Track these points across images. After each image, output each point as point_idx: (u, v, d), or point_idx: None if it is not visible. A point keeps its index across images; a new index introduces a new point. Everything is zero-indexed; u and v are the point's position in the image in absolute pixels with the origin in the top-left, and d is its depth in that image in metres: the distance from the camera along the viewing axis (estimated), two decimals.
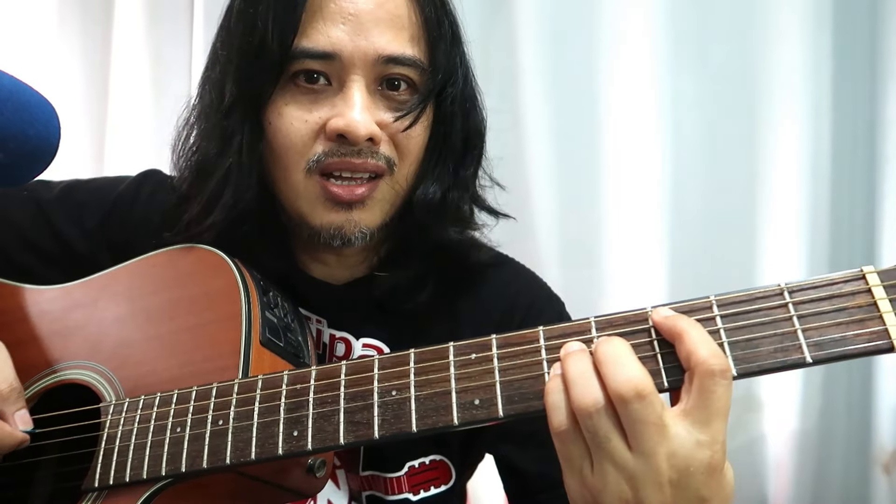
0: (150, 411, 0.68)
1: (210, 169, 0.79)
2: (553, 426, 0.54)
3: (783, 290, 0.54)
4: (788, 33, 1.51)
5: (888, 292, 0.52)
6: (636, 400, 0.50)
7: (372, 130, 0.74)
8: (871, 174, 1.51)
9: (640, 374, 0.51)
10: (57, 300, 0.82)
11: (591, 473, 0.53)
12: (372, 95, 0.76)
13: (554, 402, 0.54)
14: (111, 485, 0.67)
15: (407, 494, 0.85)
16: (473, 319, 0.87)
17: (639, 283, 1.57)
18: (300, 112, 0.76)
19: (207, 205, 0.79)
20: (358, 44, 0.74)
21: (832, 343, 0.52)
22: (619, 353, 0.53)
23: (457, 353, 0.59)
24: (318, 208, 0.77)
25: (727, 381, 0.51)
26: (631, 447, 0.52)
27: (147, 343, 0.75)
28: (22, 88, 0.69)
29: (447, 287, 0.87)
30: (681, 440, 0.51)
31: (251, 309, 0.72)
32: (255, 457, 0.62)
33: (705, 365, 0.51)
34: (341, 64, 0.74)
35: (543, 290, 0.93)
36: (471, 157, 0.87)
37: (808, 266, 1.53)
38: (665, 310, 0.56)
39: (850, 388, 1.58)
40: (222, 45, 0.81)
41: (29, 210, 0.90)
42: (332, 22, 0.74)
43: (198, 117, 0.84)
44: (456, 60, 0.83)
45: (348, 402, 0.61)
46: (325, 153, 0.75)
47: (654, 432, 0.51)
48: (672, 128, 1.58)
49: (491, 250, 0.92)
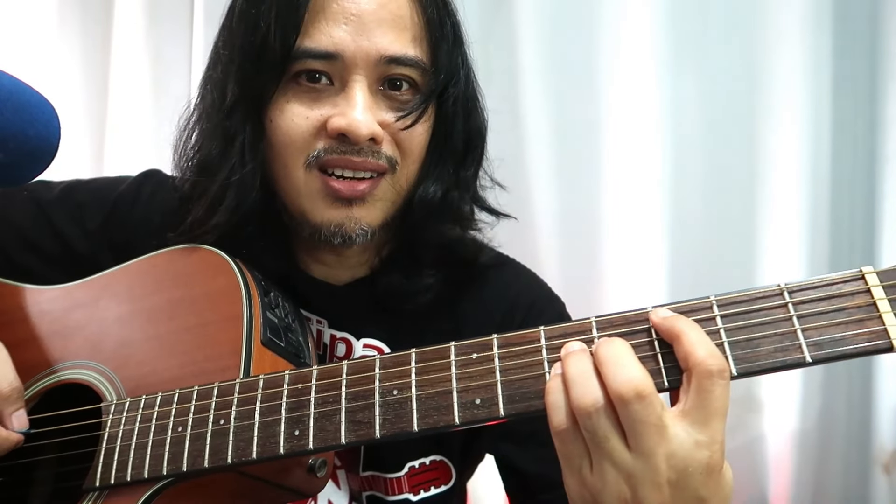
0: (151, 411, 0.68)
1: (213, 170, 0.79)
2: (553, 425, 0.54)
3: (783, 290, 0.54)
4: (788, 33, 1.51)
5: (887, 292, 0.52)
6: (636, 400, 0.51)
7: (373, 130, 0.74)
8: (871, 174, 1.51)
9: (641, 375, 0.51)
10: (58, 300, 0.82)
11: (591, 473, 0.54)
12: (374, 95, 0.76)
13: (554, 401, 0.54)
14: (112, 484, 0.67)
15: (407, 495, 0.85)
16: (475, 320, 0.87)
17: (639, 283, 1.57)
18: (301, 109, 0.76)
19: (210, 207, 0.79)
20: (360, 44, 0.74)
21: (832, 343, 0.52)
22: (620, 354, 0.53)
23: (458, 352, 0.60)
24: (319, 204, 0.77)
25: (725, 382, 0.52)
26: (630, 447, 0.52)
27: (148, 343, 0.75)
28: (22, 88, 0.69)
29: (449, 288, 0.87)
30: (680, 440, 0.51)
31: (252, 309, 0.72)
32: (257, 456, 0.62)
33: (703, 365, 0.51)
34: (343, 64, 0.74)
35: (544, 290, 0.94)
36: (472, 158, 0.87)
37: (808, 266, 1.53)
38: (663, 310, 0.56)
39: (850, 388, 1.58)
40: (224, 44, 0.81)
41: (29, 210, 0.90)
42: (334, 22, 0.74)
43: (199, 117, 0.84)
44: (458, 61, 0.83)
45: (350, 401, 0.61)
46: (326, 150, 0.76)
47: (653, 433, 0.51)
48: (672, 128, 1.58)
49: (492, 251, 0.92)
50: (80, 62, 1.84)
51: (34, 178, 0.75)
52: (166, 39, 1.83)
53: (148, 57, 1.82)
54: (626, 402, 0.51)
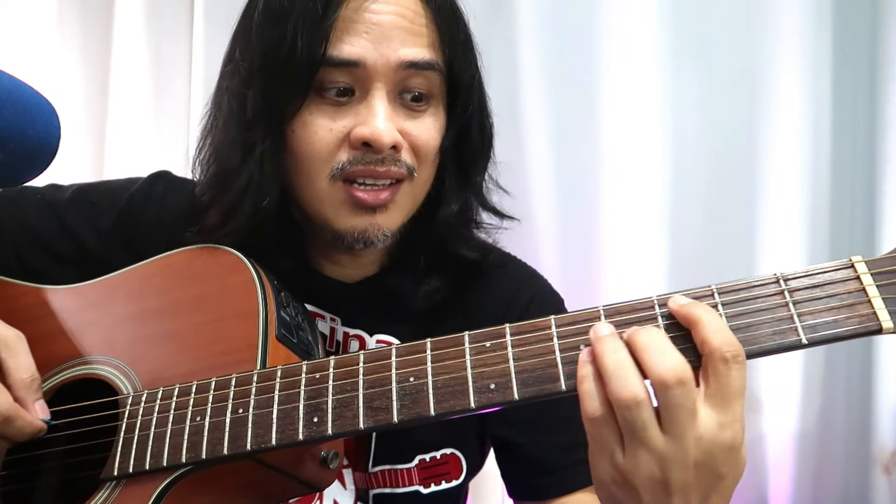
0: (169, 401, 0.69)
1: (231, 178, 0.80)
2: (587, 413, 0.56)
3: (779, 278, 0.58)
4: (788, 33, 1.51)
5: (875, 279, 0.56)
6: (678, 385, 0.53)
7: (395, 139, 0.76)
8: (871, 174, 1.52)
9: (681, 362, 0.54)
10: (72, 299, 0.83)
11: (623, 458, 0.55)
12: (393, 104, 0.78)
13: (588, 390, 0.56)
14: (130, 473, 0.67)
15: (418, 487, 0.86)
16: (483, 316, 0.88)
17: (639, 282, 1.57)
18: (325, 121, 0.77)
19: (227, 213, 0.80)
20: (381, 52, 0.76)
21: (825, 325, 0.56)
22: (660, 341, 0.55)
23: (472, 341, 0.62)
24: (343, 213, 0.79)
25: (740, 366, 0.54)
26: (664, 429, 0.54)
27: (164, 338, 0.76)
28: (22, 88, 0.70)
29: (457, 287, 0.89)
30: (706, 424, 0.54)
31: (268, 304, 0.73)
32: (276, 442, 0.63)
33: (720, 352, 0.54)
34: (366, 72, 0.76)
35: (545, 286, 0.97)
36: (483, 162, 0.90)
37: (807, 265, 1.52)
38: (681, 297, 0.58)
39: (850, 388, 1.58)
40: (242, 56, 0.81)
41: (42, 212, 0.90)
42: (355, 32, 0.76)
43: (216, 126, 0.85)
44: (472, 68, 0.85)
45: (367, 388, 0.62)
46: (350, 161, 0.77)
47: (687, 416, 0.53)
48: (672, 128, 1.58)
49: (497, 251, 0.95)
50: (80, 62, 1.84)
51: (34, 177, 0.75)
52: (166, 39, 1.83)
53: (148, 57, 1.82)
54: (668, 387, 0.53)
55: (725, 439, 0.54)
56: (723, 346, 0.54)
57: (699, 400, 0.54)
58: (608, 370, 0.55)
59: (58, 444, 0.78)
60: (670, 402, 0.53)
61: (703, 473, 0.55)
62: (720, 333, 0.54)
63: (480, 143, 0.88)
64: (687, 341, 0.57)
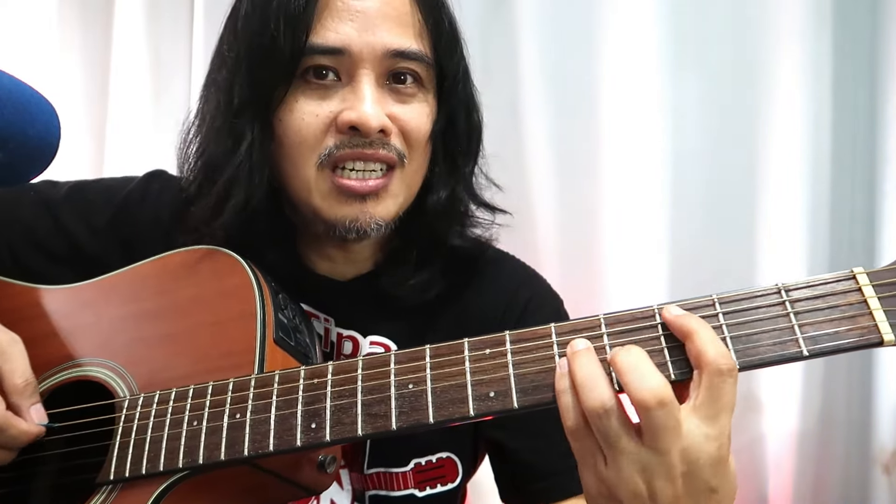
0: (166, 405, 0.69)
1: (219, 169, 0.80)
2: (567, 426, 0.57)
3: (780, 289, 0.58)
4: (788, 33, 1.51)
5: (876, 291, 0.56)
6: (658, 407, 0.53)
7: (383, 122, 0.76)
8: (871, 174, 1.51)
9: (661, 384, 0.54)
10: (68, 299, 0.82)
11: (606, 468, 0.56)
12: (381, 89, 0.78)
13: (565, 402, 0.56)
14: (127, 477, 0.67)
15: (413, 490, 0.85)
16: (479, 314, 0.88)
17: (639, 283, 1.57)
18: (311, 107, 0.77)
19: (217, 205, 0.80)
20: (366, 39, 0.76)
21: (826, 337, 0.56)
22: (640, 362, 0.55)
23: (471, 348, 0.62)
24: (332, 202, 0.78)
25: (733, 379, 0.54)
26: (645, 444, 0.54)
27: (160, 340, 0.75)
28: (22, 88, 0.70)
29: (451, 284, 0.88)
30: (692, 436, 0.54)
31: (265, 307, 0.73)
32: (274, 448, 0.62)
33: (714, 365, 0.54)
34: (350, 59, 0.76)
35: (543, 286, 0.96)
36: (472, 153, 0.89)
37: (808, 266, 1.52)
38: (676, 308, 0.58)
39: (850, 388, 1.57)
40: (229, 48, 0.81)
41: (37, 210, 0.90)
42: (339, 19, 0.76)
43: (203, 120, 0.84)
44: (458, 57, 0.85)
45: (366, 394, 0.62)
46: (337, 146, 0.77)
47: (672, 435, 0.53)
48: (672, 128, 1.58)
49: (492, 247, 0.94)
50: (80, 62, 1.84)
51: (34, 177, 0.75)
52: (166, 39, 1.83)
53: (148, 57, 1.82)
54: (648, 409, 0.53)
55: (711, 451, 0.54)
56: (718, 359, 0.54)
57: (687, 411, 0.54)
58: (579, 382, 0.55)
59: (54, 447, 0.77)
60: (653, 423, 0.53)
61: (691, 486, 0.54)
62: (715, 346, 0.55)
63: (467, 131, 0.87)
64: (682, 353, 0.57)
